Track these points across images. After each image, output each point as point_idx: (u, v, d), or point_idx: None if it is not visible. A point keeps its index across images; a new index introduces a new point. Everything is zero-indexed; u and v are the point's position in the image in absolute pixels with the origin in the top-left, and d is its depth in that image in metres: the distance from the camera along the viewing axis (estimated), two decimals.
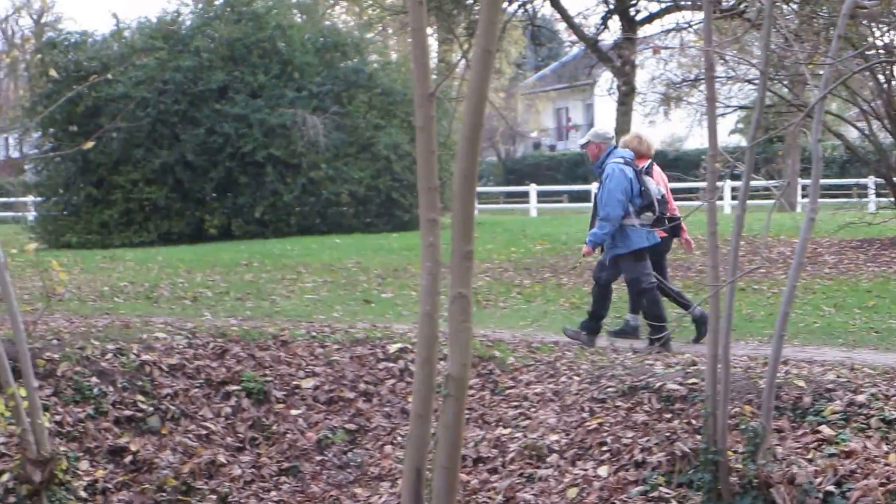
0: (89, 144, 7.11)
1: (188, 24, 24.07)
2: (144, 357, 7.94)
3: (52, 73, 20.18)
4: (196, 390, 7.80)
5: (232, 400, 7.77)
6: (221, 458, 7.14)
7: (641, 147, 9.10)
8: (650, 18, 24.06)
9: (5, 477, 6.35)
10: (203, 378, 7.92)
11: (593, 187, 9.08)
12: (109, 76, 17.87)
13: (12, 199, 36.21)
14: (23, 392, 6.12)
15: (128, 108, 20.81)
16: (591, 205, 9.97)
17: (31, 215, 29.28)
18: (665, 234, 8.96)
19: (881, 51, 14.80)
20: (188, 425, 7.48)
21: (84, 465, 6.75)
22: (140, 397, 7.56)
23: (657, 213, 8.73)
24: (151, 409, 7.50)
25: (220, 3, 24.31)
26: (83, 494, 6.47)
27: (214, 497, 6.83)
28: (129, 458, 7.03)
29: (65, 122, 22.02)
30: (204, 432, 7.41)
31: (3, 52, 34.91)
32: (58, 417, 7.03)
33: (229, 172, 21.94)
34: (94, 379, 7.53)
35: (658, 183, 8.95)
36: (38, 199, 25.65)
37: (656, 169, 9.19)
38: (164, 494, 6.78)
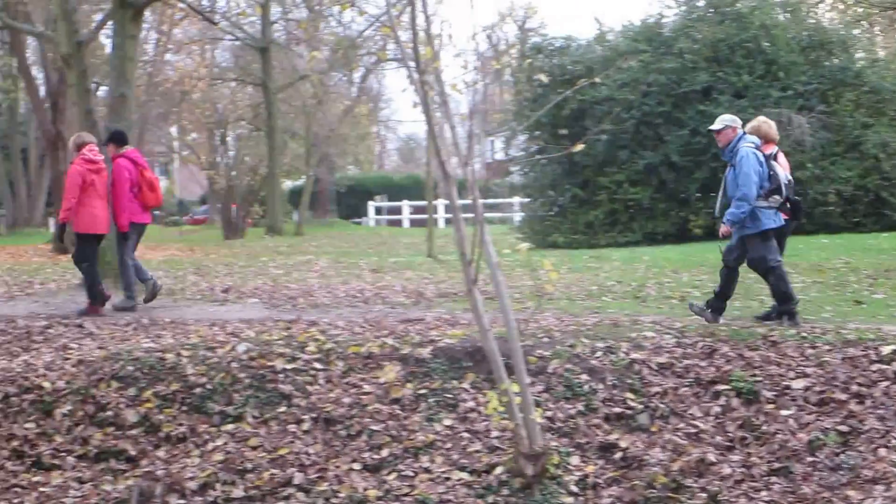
0: (579, 147, 7.35)
1: (671, 27, 24.40)
2: (634, 355, 8.11)
3: (542, 77, 21.22)
4: (685, 389, 7.82)
5: (721, 399, 7.71)
6: (711, 457, 7.10)
7: (771, 132, 9.80)
8: None
9: (499, 470, 6.73)
10: (692, 377, 7.93)
11: None
12: (596, 79, 18.53)
13: (499, 200, 38.83)
14: (515, 388, 6.45)
15: (612, 111, 21.44)
16: None
17: (517, 216, 31.08)
18: (788, 217, 9.54)
19: None
20: (677, 423, 7.52)
21: (575, 460, 6.99)
22: (629, 395, 7.73)
23: (784, 196, 9.39)
24: (641, 406, 7.63)
25: (702, 5, 24.43)
26: (574, 489, 6.70)
27: (704, 495, 6.80)
28: (618, 455, 7.19)
29: (551, 126, 23.07)
30: (693, 431, 7.41)
31: (490, 58, 37.45)
32: (549, 413, 7.36)
33: (714, 173, 21.77)
34: (584, 376, 7.81)
35: (784, 168, 9.60)
36: (525, 199, 27.17)
37: (781, 155, 9.82)
38: (653, 491, 6.85)
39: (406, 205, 44.11)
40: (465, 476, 6.73)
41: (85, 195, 11.32)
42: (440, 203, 36.37)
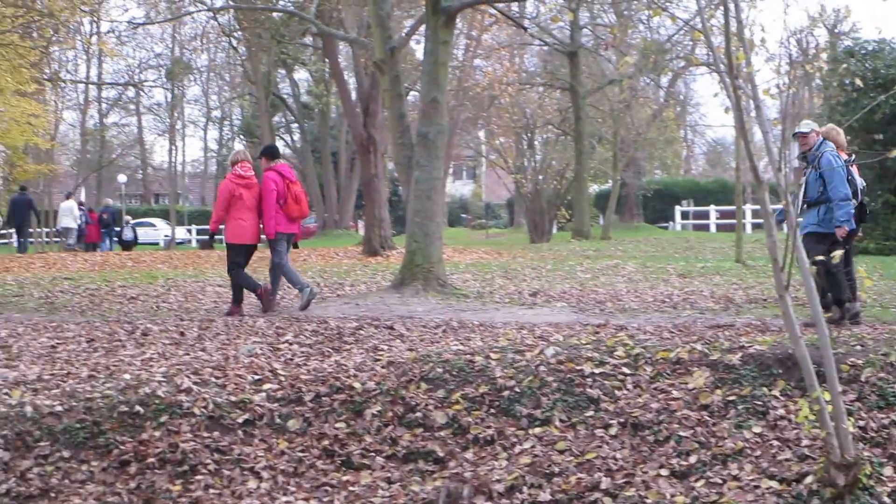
0: (895, 153, 7.03)
1: None
2: None
3: (858, 81, 20.33)
4: None
5: None
6: None
7: (840, 139, 10.24)
8: None
9: (809, 479, 6.55)
10: None
11: None
12: None
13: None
14: (827, 396, 6.29)
15: None
16: None
17: None
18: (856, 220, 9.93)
19: None
20: None
21: (888, 471, 6.69)
22: None
23: (859, 199, 9.85)
24: None
25: None
26: (887, 500, 6.42)
27: None
28: None
29: (863, 131, 22.00)
30: None
31: (801, 62, 35.98)
32: (861, 423, 7.08)
33: None
34: None
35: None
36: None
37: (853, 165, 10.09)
38: None
39: (713, 209, 43.27)
40: (774, 485, 6.59)
41: (234, 208, 12.37)
42: (748, 208, 35.33)
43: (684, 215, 46.30)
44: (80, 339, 10.46)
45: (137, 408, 7.66)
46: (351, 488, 7.08)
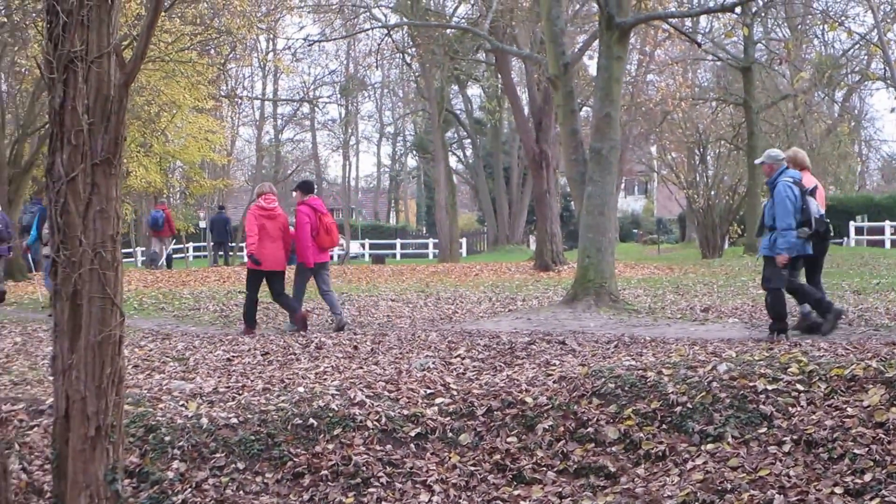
0: None
1: None
2: None
3: None
4: None
5: None
6: None
7: (801, 159, 11.22)
8: None
9: None
10: None
11: None
12: None
13: None
14: None
15: None
16: None
17: None
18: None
19: None
20: None
21: None
22: None
23: (813, 229, 10.53)
24: None
25: None
26: None
27: None
28: None
29: None
30: None
31: None
32: None
33: None
34: None
35: (820, 201, 10.81)
36: None
37: (820, 190, 10.98)
38: None
39: (888, 225, 41.68)
40: None
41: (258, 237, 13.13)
42: None
43: (858, 231, 44.72)
44: (255, 353, 10.86)
45: (311, 420, 7.81)
46: (522, 503, 7.10)
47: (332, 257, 14.44)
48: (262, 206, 13.42)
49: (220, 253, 34.30)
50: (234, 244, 34.34)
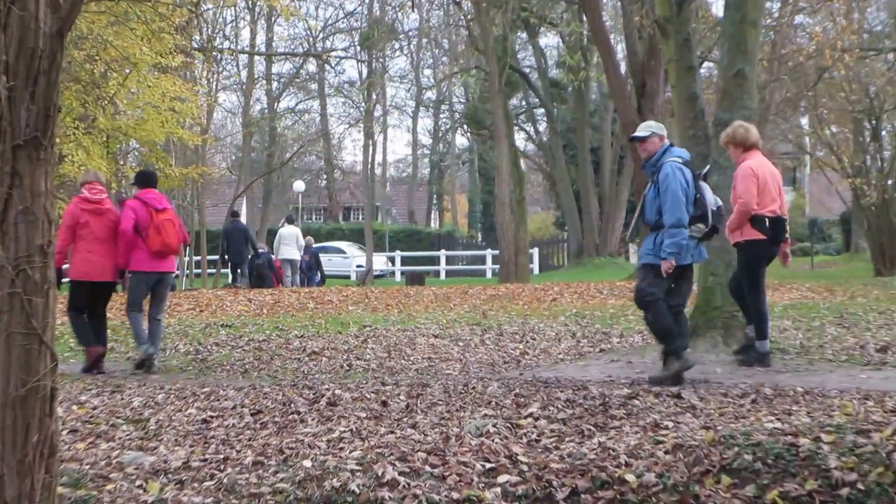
0: None
1: None
2: None
3: None
4: None
5: None
6: None
7: (748, 136, 12.22)
8: None
9: None
10: None
11: None
12: None
13: None
14: None
15: None
16: None
17: None
18: (766, 240, 11.83)
19: None
20: None
21: None
22: None
23: (710, 225, 10.94)
24: None
25: None
26: None
27: None
28: None
29: None
30: None
31: None
32: None
33: None
34: None
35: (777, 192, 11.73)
36: None
37: (776, 176, 11.96)
38: None
39: None
40: None
41: (79, 238, 13.70)
42: None
43: None
44: (243, 411, 10.87)
45: None
46: None
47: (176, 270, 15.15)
48: (85, 198, 13.80)
49: (239, 272, 33.95)
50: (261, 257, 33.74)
